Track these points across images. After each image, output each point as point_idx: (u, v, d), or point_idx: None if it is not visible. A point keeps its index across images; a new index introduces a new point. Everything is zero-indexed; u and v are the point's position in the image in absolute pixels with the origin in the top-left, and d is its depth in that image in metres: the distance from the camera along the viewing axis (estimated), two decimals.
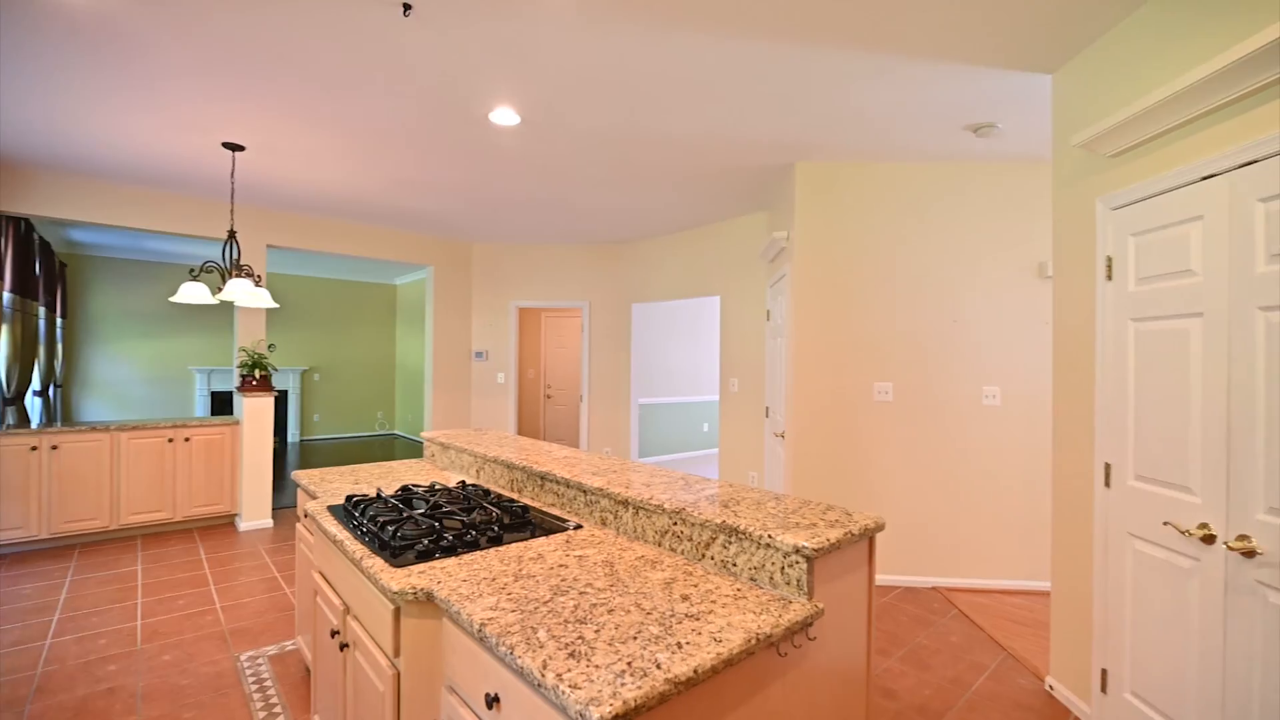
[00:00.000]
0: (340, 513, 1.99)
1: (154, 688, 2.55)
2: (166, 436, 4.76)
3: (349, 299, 10.22)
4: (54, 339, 6.78)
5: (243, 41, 2.48)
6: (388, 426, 10.71)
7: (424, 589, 1.38)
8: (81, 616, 3.25)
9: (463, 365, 6.62)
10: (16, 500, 4.21)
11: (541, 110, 3.10)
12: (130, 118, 3.29)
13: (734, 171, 4.03)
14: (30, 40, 2.48)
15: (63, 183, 4.40)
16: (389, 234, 6.03)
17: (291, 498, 6.02)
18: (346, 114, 3.20)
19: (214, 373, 8.85)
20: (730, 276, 5.32)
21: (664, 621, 1.22)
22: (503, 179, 4.31)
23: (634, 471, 2.09)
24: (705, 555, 1.55)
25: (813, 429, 3.78)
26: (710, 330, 8.33)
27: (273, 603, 3.46)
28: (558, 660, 1.06)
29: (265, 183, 4.46)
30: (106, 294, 8.08)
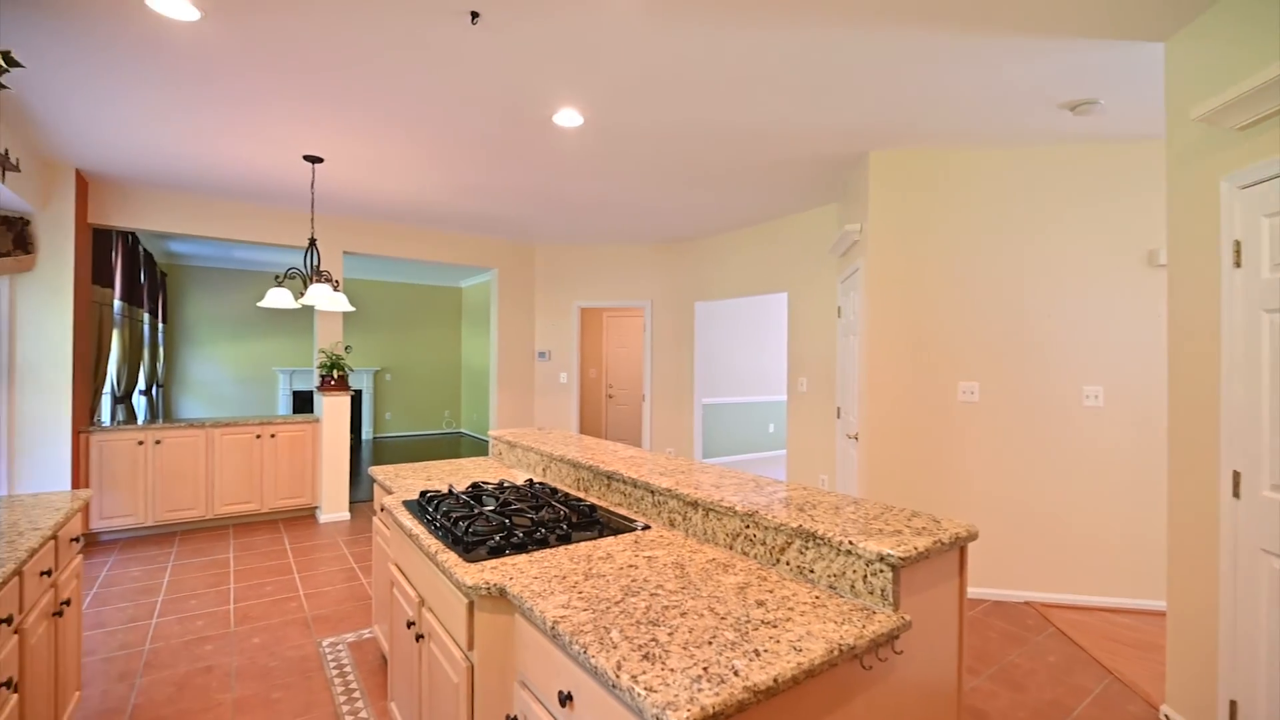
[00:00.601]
0: (415, 508, 2.04)
1: (246, 668, 2.70)
2: (254, 433, 5.07)
3: (418, 302, 10.62)
4: (156, 342, 7.37)
5: (322, 60, 2.59)
6: (454, 425, 11.06)
7: (497, 584, 1.38)
8: (182, 599, 3.49)
9: (526, 365, 6.74)
10: (125, 490, 4.59)
11: (604, 110, 3.10)
12: (222, 137, 3.51)
13: (803, 164, 3.91)
14: (139, 73, 2.69)
15: (164, 199, 4.76)
16: (456, 238, 6.22)
17: (366, 492, 6.29)
18: (417, 123, 3.30)
19: (295, 373, 9.38)
20: (798, 272, 5.17)
21: (739, 627, 1.17)
22: (566, 180, 4.35)
23: (702, 472, 2.04)
24: (780, 560, 1.49)
25: (889, 431, 3.61)
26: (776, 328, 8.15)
27: (350, 592, 3.61)
28: (632, 662, 1.03)
29: (341, 192, 4.68)
30: (201, 300, 8.71)
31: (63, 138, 3.61)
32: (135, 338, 6.09)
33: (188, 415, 8.61)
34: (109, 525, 4.53)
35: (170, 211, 4.78)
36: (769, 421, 8.05)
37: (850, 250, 4.16)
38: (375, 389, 10.23)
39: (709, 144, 3.56)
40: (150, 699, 2.46)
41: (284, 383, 9.30)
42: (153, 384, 7.08)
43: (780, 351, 8.18)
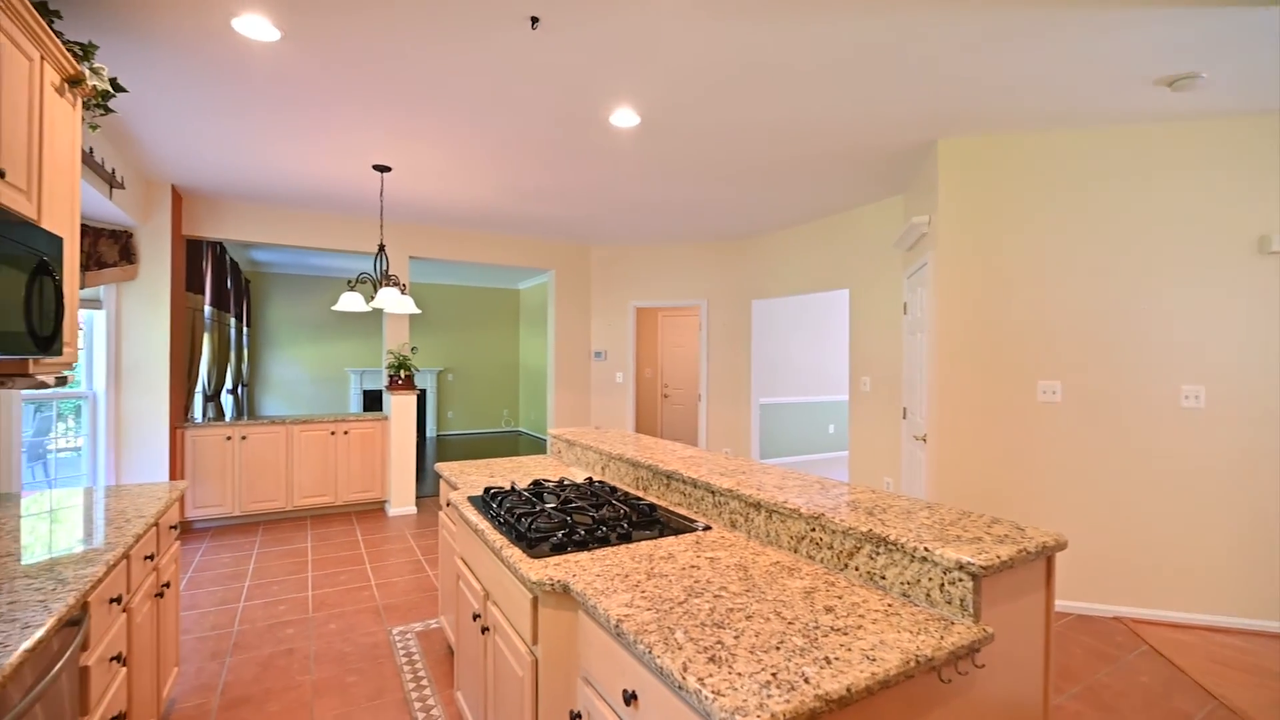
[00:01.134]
0: (479, 503, 2.09)
1: (323, 652, 2.85)
2: (329, 430, 5.34)
3: (478, 304, 10.92)
4: (241, 345, 7.87)
5: (389, 72, 2.70)
6: (512, 423, 11.32)
7: (560, 581, 1.40)
8: (266, 584, 3.71)
9: (583, 365, 6.82)
10: (215, 482, 4.92)
11: (661, 109, 3.10)
12: (299, 150, 3.71)
13: (866, 155, 3.79)
14: (225, 93, 2.87)
15: (247, 210, 5.08)
16: (515, 240, 6.36)
17: (431, 487, 6.52)
18: (478, 129, 3.39)
19: (365, 373, 9.83)
20: (860, 268, 5.01)
21: (808, 633, 1.14)
22: (621, 181, 4.37)
23: (764, 473, 2.00)
24: (848, 565, 1.44)
25: (960, 432, 3.44)
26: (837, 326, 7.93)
27: (417, 583, 3.74)
28: (698, 664, 1.02)
29: (407, 199, 4.86)
30: (280, 305, 9.25)
31: (160, 156, 3.90)
32: (223, 340, 6.53)
33: (269, 413, 9.17)
34: (201, 514, 4.87)
35: (253, 222, 5.10)
36: (829, 422, 7.84)
37: (917, 244, 3.99)
38: (439, 388, 10.59)
39: (768, 140, 3.50)
40: (239, 677, 2.62)
41: (355, 382, 9.76)
42: (238, 383, 7.57)
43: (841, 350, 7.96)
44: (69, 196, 2.09)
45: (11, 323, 1.58)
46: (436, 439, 10.30)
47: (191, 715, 2.35)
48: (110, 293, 4.36)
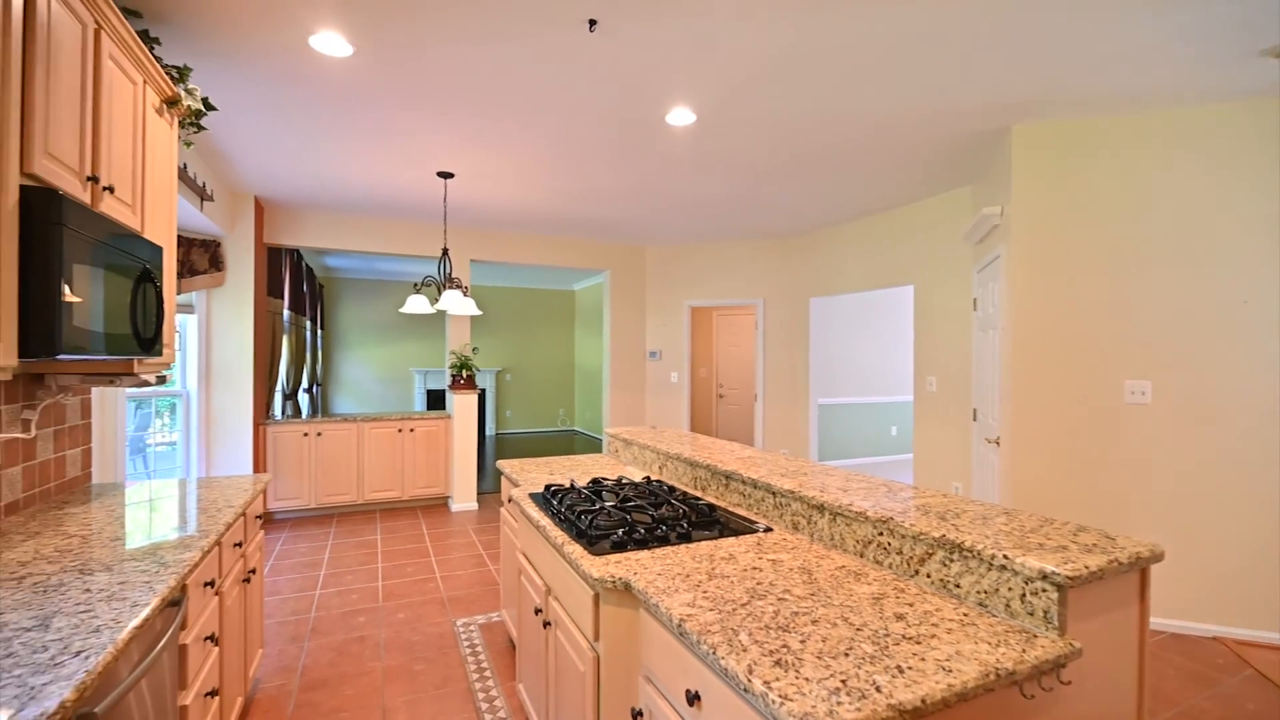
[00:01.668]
0: (540, 500, 2.13)
1: (392, 640, 2.97)
2: (397, 427, 5.57)
3: (534, 305, 11.14)
4: (315, 346, 8.31)
5: (453, 81, 2.79)
6: (568, 423, 11.48)
7: (622, 579, 1.40)
8: (339, 574, 3.90)
9: (638, 365, 6.84)
10: (293, 476, 5.21)
11: (718, 106, 3.07)
12: (369, 160, 3.88)
13: (931, 145, 3.64)
14: (302, 108, 3.04)
15: (321, 219, 5.36)
16: (571, 242, 6.45)
17: (490, 484, 6.70)
18: (536, 133, 3.45)
19: (429, 373, 10.20)
20: (925, 262, 4.82)
21: (878, 640, 1.10)
22: (677, 180, 4.36)
23: (826, 475, 1.95)
24: (919, 572, 1.38)
25: (1037, 435, 3.26)
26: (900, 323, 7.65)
27: (479, 577, 3.85)
28: (763, 667, 1.00)
29: (469, 204, 5.01)
30: (350, 308, 9.71)
31: (244, 170, 4.17)
32: (300, 342, 6.91)
33: (341, 411, 9.64)
34: (281, 506, 5.18)
35: (327, 229, 5.38)
36: (891, 424, 7.58)
37: (989, 236, 3.80)
38: (497, 388, 10.87)
39: (828, 133, 3.41)
40: (315, 661, 2.77)
41: (419, 382, 10.13)
42: (313, 383, 7.99)
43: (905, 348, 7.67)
44: (167, 209, 2.26)
45: (120, 326, 1.72)
46: (495, 437, 10.57)
47: (274, 695, 2.49)
48: (201, 298, 4.69)
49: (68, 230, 1.43)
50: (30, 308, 1.37)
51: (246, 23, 2.35)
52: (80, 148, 1.61)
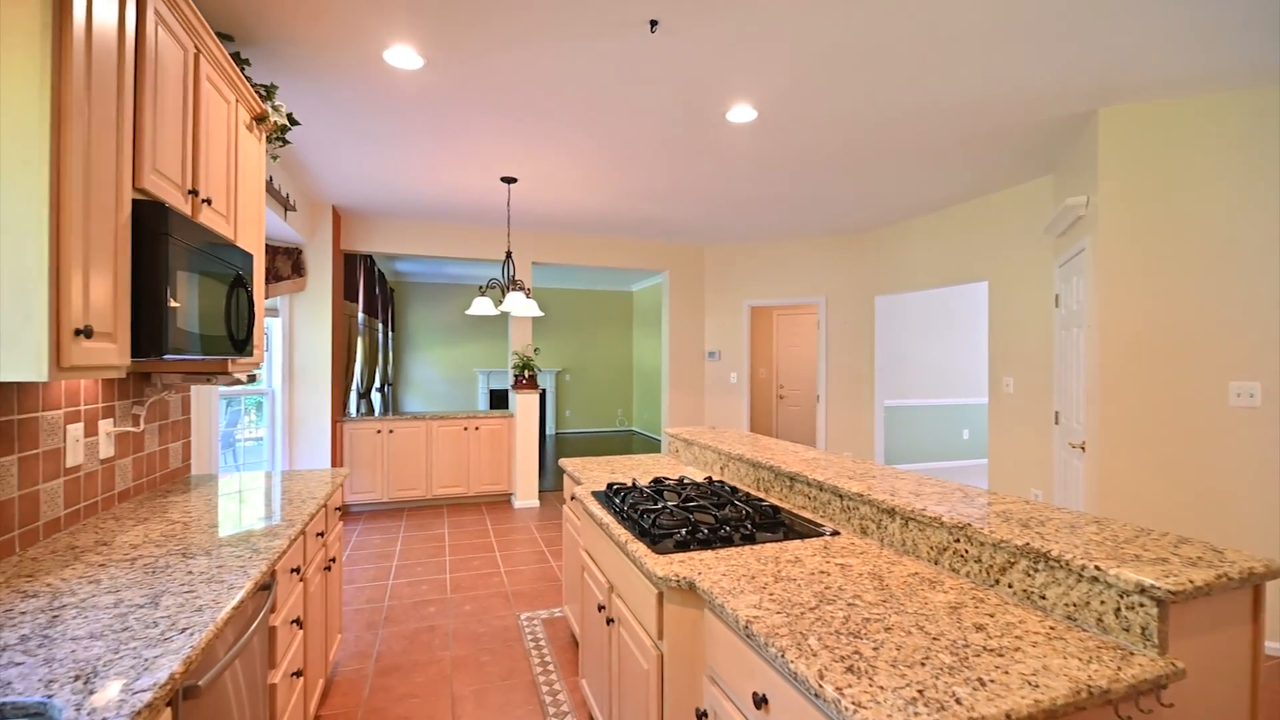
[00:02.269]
0: (602, 498, 2.15)
1: (460, 631, 3.07)
2: (463, 426, 5.76)
3: (593, 307, 11.28)
4: (386, 347, 8.70)
5: (518, 88, 2.86)
6: (626, 423, 11.56)
7: (686, 578, 1.40)
8: (410, 565, 4.07)
9: (696, 365, 6.81)
10: (367, 471, 5.48)
11: (780, 101, 3.02)
12: (437, 167, 4.04)
13: (1007, 134, 3.45)
14: (375, 119, 3.19)
15: (392, 225, 5.62)
16: (630, 243, 6.49)
17: (551, 482, 6.82)
18: (597, 136, 3.49)
19: (491, 373, 10.50)
20: (1001, 257, 4.58)
21: (956, 651, 1.05)
22: (737, 178, 4.31)
23: (897, 478, 1.88)
24: (1000, 581, 1.31)
25: (1128, 440, 3.03)
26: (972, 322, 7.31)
27: (542, 573, 3.93)
28: (835, 673, 0.97)
29: (531, 208, 5.12)
30: (418, 311, 10.12)
31: (323, 180, 4.42)
32: (373, 343, 7.26)
33: (409, 409, 10.06)
34: (356, 499, 5.45)
35: (398, 235, 5.63)
36: (963, 427, 7.23)
37: (1072, 228, 3.57)
38: (557, 388, 11.07)
39: (896, 125, 3.29)
40: (389, 647, 2.90)
41: (482, 382, 10.45)
42: (384, 382, 8.38)
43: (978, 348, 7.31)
44: (256, 219, 2.42)
45: (216, 328, 1.86)
46: (555, 436, 10.76)
47: (352, 678, 2.62)
48: (284, 302, 5.00)
49: (172, 240, 1.55)
50: (140, 312, 1.50)
51: (327, 41, 2.49)
52: (182, 163, 1.75)
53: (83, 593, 1.28)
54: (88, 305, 1.27)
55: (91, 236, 1.29)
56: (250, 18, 2.32)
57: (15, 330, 1.15)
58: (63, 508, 1.72)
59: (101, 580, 1.35)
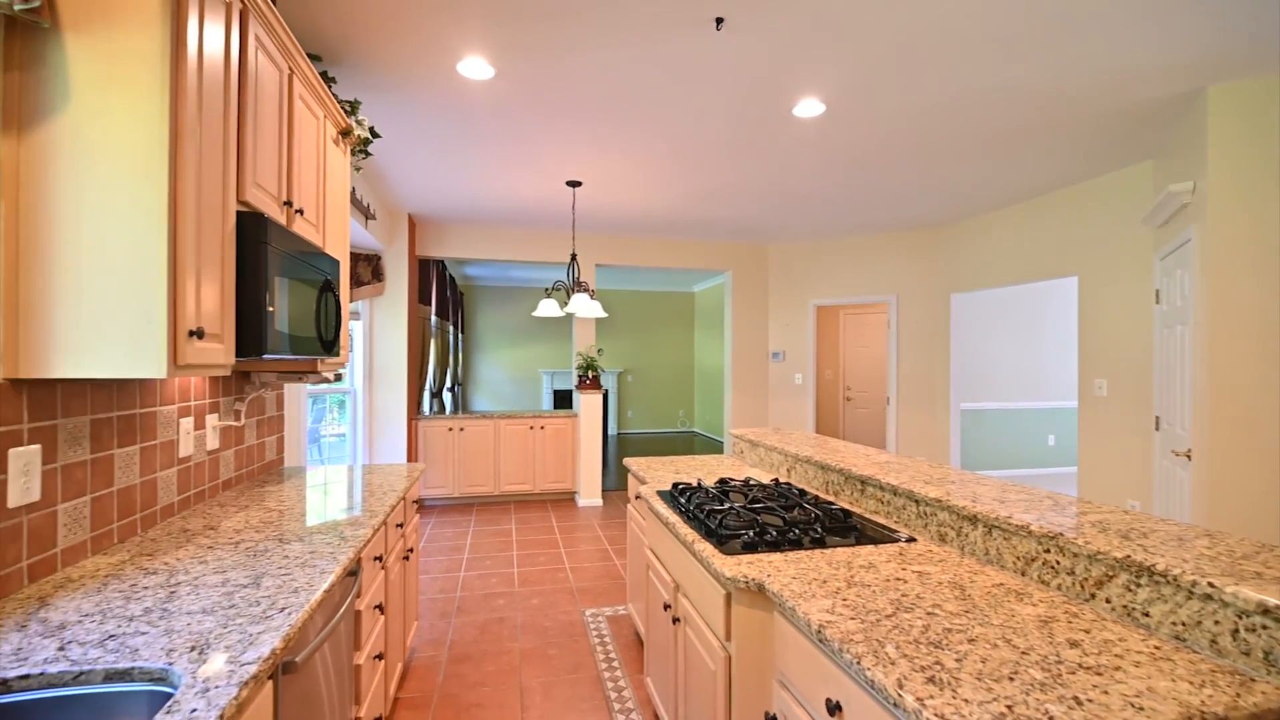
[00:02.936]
0: (668, 498, 2.15)
1: (527, 624, 3.15)
2: (529, 425, 5.91)
3: (654, 307, 11.32)
4: (457, 349, 9.04)
5: (583, 91, 2.91)
6: (687, 424, 11.53)
7: (755, 580, 1.38)
8: (479, 559, 4.21)
9: (760, 366, 6.72)
10: (439, 467, 5.71)
11: (849, 93, 2.93)
12: (505, 173, 4.16)
13: (1100, 117, 3.22)
14: (447, 129, 3.33)
15: (463, 231, 5.83)
16: (692, 244, 6.47)
17: (613, 481, 6.89)
18: (661, 136, 3.51)
19: (555, 374, 10.72)
20: (1092, 250, 4.27)
21: (1048, 667, 0.99)
22: (803, 174, 4.22)
23: (978, 484, 1.79)
24: (1096, 596, 1.23)
25: (1241, 447, 2.76)
26: (1059, 320, 6.86)
27: (605, 570, 3.97)
28: (915, 683, 0.94)
29: (595, 210, 5.20)
30: (486, 314, 10.46)
31: (400, 189, 4.64)
32: (444, 345, 7.56)
33: (477, 409, 10.41)
34: (429, 494, 5.69)
35: (468, 241, 5.84)
36: (1048, 432, 6.79)
37: (1176, 217, 3.29)
38: (619, 389, 11.17)
39: (974, 113, 3.14)
40: (461, 636, 3.01)
41: (547, 382, 10.69)
42: (455, 382, 8.71)
43: (1064, 348, 6.85)
44: (342, 228, 2.58)
45: (307, 330, 1.99)
46: (617, 437, 10.87)
47: (427, 664, 2.74)
48: (365, 306, 5.28)
49: (271, 248, 1.67)
50: (243, 315, 1.62)
51: (405, 57, 2.61)
52: (278, 177, 1.88)
53: (194, 572, 1.39)
54: (199, 309, 1.39)
55: (202, 246, 1.41)
56: (337, 38, 2.47)
57: (139, 332, 1.27)
58: (176, 494, 1.89)
59: (209, 561, 1.47)
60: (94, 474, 1.52)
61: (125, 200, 1.26)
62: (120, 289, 1.26)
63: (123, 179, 1.26)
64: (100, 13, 1.25)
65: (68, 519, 1.42)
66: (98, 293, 1.25)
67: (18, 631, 1.09)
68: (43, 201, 1.24)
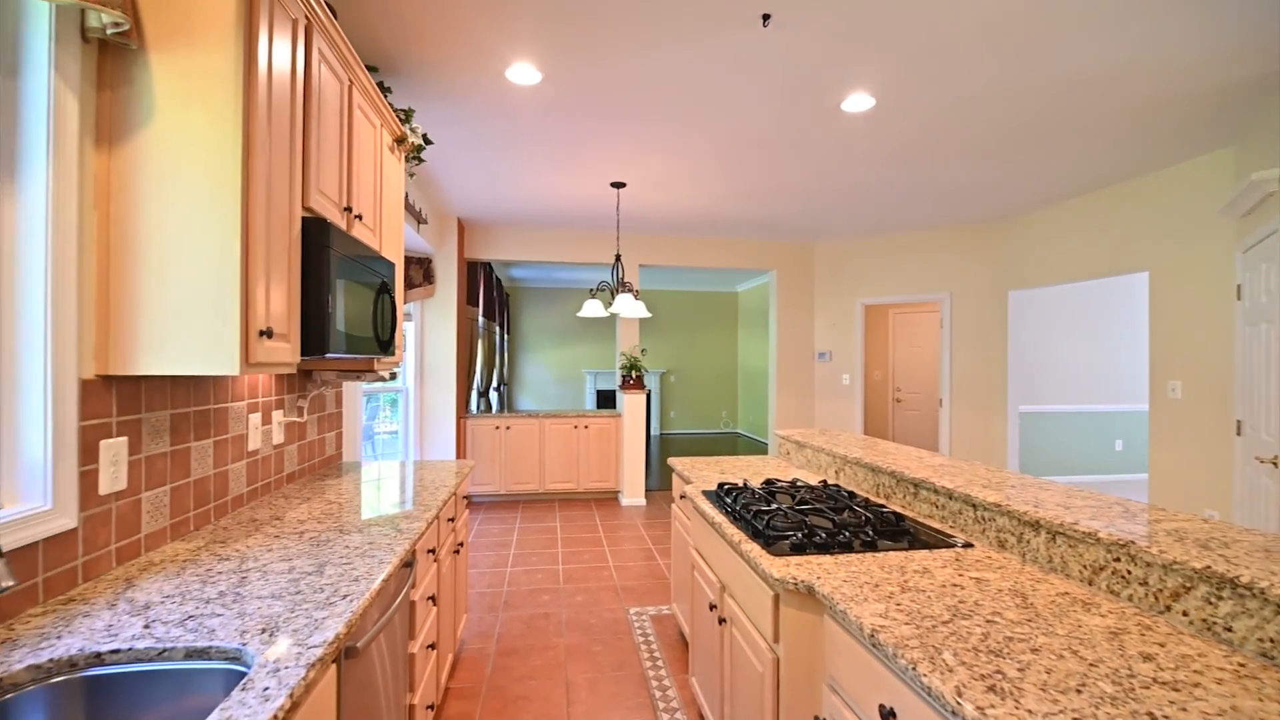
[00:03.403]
0: (713, 498, 2.14)
1: (572, 620, 3.19)
2: (573, 424, 5.97)
3: (697, 308, 11.27)
4: (503, 349, 9.22)
5: (629, 93, 2.92)
6: (731, 425, 11.43)
7: (804, 581, 1.36)
8: (525, 555, 4.29)
9: (805, 367, 6.61)
10: (486, 465, 5.83)
11: (901, 86, 2.86)
12: (551, 176, 4.22)
13: (1172, 103, 3.04)
14: (495, 134, 3.40)
15: (509, 233, 5.95)
16: (737, 243, 6.42)
17: (656, 482, 6.89)
18: (706, 135, 3.49)
19: (599, 374, 10.81)
20: (1165, 244, 4.03)
21: (1119, 680, 0.94)
22: (851, 170, 4.14)
23: (1040, 489, 1.72)
24: (1171, 608, 1.16)
25: None
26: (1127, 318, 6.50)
27: (649, 570, 3.98)
28: (974, 691, 0.91)
29: (639, 211, 5.22)
30: (531, 315, 10.63)
31: (450, 194, 4.77)
32: (491, 346, 7.72)
33: (523, 408, 10.59)
34: (477, 491, 5.82)
35: (515, 243, 5.95)
36: (1115, 436, 6.44)
37: (1260, 207, 3.08)
38: (661, 389, 11.18)
39: (1032, 102, 3.01)
40: (508, 630, 3.07)
41: (590, 382, 10.78)
42: (500, 382, 8.89)
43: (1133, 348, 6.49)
44: (397, 232, 2.67)
45: (364, 330, 2.07)
46: (660, 437, 10.87)
47: (476, 656, 2.81)
48: (417, 308, 5.45)
49: (332, 252, 1.74)
50: (307, 316, 1.70)
51: (456, 66, 2.69)
52: (339, 184, 1.97)
53: (263, 559, 1.47)
54: (268, 310, 1.47)
55: (271, 251, 1.48)
56: (392, 49, 2.56)
57: (215, 332, 1.35)
58: (245, 485, 2.00)
59: (276, 549, 1.54)
60: (173, 465, 1.62)
61: (202, 208, 1.34)
62: (198, 292, 1.34)
63: (200, 189, 1.34)
64: (181, 33, 1.33)
65: (150, 506, 1.52)
66: (178, 296, 1.34)
67: (108, 609, 1.17)
68: (130, 211, 1.34)
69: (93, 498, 1.33)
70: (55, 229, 1.21)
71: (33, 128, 1.20)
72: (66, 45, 1.23)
